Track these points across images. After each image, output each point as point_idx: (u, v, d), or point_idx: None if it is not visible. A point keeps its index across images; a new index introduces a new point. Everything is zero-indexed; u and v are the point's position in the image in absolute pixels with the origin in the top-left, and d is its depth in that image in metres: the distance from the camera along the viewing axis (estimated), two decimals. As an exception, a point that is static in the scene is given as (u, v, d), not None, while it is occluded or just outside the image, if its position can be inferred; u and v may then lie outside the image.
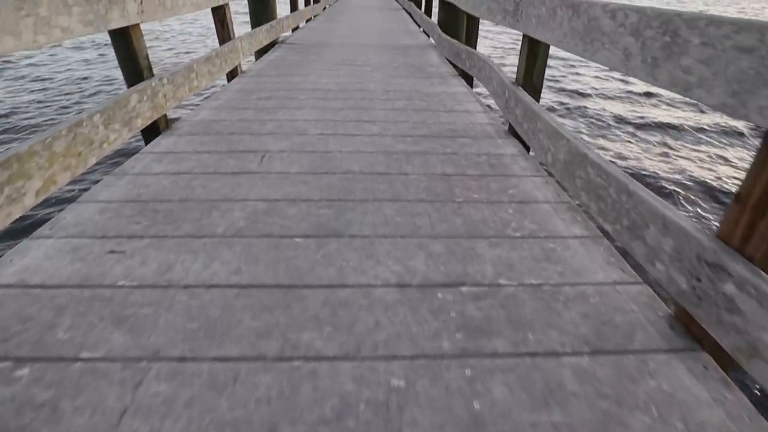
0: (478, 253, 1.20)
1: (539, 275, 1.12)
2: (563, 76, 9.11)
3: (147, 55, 1.99)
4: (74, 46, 9.88)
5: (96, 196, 1.47)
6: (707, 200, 4.19)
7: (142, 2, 1.87)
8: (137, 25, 1.90)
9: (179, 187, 1.52)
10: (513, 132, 2.12)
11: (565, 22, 1.46)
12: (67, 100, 6.32)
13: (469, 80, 3.58)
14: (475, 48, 3.38)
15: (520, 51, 2.05)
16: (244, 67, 3.47)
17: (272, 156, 1.79)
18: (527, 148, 2.02)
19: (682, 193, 4.28)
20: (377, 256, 1.17)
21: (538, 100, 2.03)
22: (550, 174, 1.70)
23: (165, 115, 2.09)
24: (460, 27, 3.98)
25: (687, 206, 4.09)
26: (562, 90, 8.02)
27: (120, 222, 1.31)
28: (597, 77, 9.26)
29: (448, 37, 3.84)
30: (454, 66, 3.70)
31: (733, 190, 4.36)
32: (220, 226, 1.29)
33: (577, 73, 9.59)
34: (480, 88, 3.50)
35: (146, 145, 2.01)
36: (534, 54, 1.96)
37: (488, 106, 2.71)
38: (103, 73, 7.58)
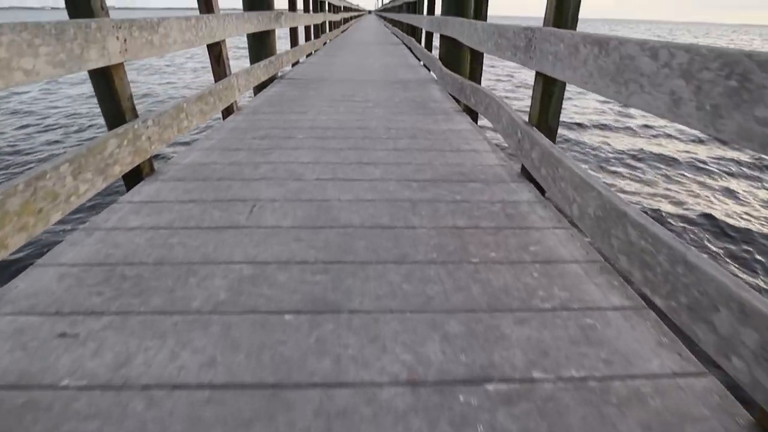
0: (503, 334, 1.00)
1: (581, 365, 0.92)
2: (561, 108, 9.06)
3: (131, 95, 1.85)
4: (73, 82, 9.92)
5: (58, 257, 1.28)
6: (720, 237, 3.99)
7: (125, 40, 1.74)
8: (120, 64, 1.76)
9: (155, 246, 1.33)
10: (526, 174, 1.95)
11: (590, 60, 1.31)
12: (64, 134, 6.23)
13: (473, 115, 3.46)
14: (480, 83, 3.27)
15: (533, 89, 1.91)
16: (242, 102, 3.35)
17: (263, 206, 1.61)
18: (542, 190, 1.85)
19: (689, 228, 4.10)
20: (383, 340, 0.97)
21: (554, 142, 1.87)
22: (573, 224, 1.52)
23: (150, 159, 1.92)
24: (463, 62, 3.90)
25: (694, 240, 3.90)
26: (560, 122, 7.94)
27: (80, 293, 1.12)
28: (595, 109, 9.24)
29: (450, 72, 3.75)
30: (457, 101, 3.59)
31: (743, 225, 4.17)
32: (196, 298, 1.10)
33: (576, 105, 9.58)
34: (483, 121, 3.37)
35: (127, 191, 1.84)
36: (549, 93, 1.81)
37: (494, 142, 2.55)
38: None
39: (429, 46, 6.30)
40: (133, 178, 1.87)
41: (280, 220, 1.51)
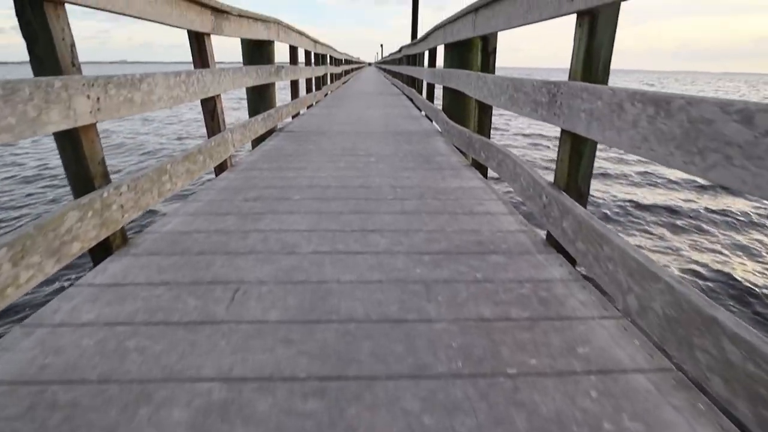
0: None
1: None
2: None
3: (103, 159, 1.62)
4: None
5: (-20, 371, 1.00)
6: (738, 295, 3.67)
7: (98, 99, 1.54)
8: (91, 125, 1.55)
9: (105, 354, 1.05)
10: (552, 241, 1.70)
11: (642, 121, 1.09)
12: (49, 186, 6.07)
13: (481, 169, 3.25)
14: (489, 136, 3.09)
15: (559, 148, 1.69)
16: (240, 154, 3.16)
17: (248, 291, 1.35)
18: (572, 261, 1.59)
19: (701, 283, 3.80)
20: None
21: (585, 207, 1.63)
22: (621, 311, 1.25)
23: (122, 229, 1.68)
24: (469, 114, 3.75)
25: (709, 292, 3.60)
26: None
27: None
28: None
29: (456, 125, 3.59)
30: (464, 154, 3.40)
31: (760, 282, 3.86)
32: None
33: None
34: (491, 172, 3.16)
35: (94, 266, 1.58)
36: (579, 152, 1.59)
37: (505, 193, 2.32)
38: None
39: (430, 97, 6.26)
40: (102, 251, 1.62)
41: (267, 312, 1.23)
